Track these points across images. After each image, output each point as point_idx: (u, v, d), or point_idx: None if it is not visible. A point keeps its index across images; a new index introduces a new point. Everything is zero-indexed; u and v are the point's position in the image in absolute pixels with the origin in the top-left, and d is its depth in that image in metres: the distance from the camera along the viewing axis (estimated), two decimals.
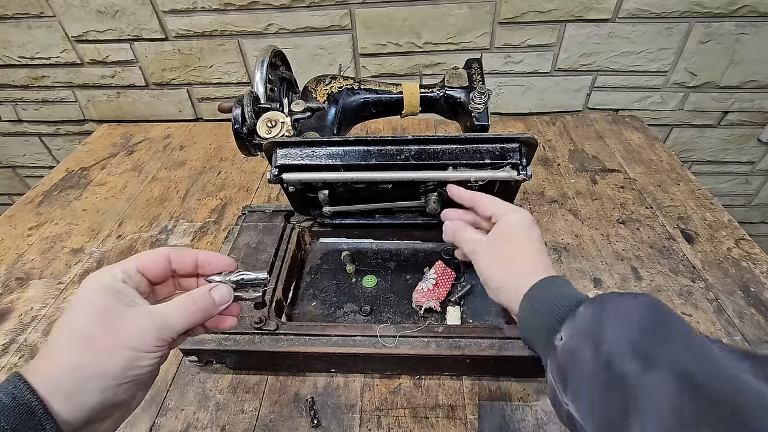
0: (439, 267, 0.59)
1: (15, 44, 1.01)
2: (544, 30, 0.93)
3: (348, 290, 0.60)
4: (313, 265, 0.63)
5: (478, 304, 0.57)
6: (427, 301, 0.55)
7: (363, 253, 0.65)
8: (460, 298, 0.57)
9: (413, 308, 0.56)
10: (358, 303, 0.58)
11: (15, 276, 0.68)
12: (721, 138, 1.07)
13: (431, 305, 0.55)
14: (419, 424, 0.47)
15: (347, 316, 0.57)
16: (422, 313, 0.55)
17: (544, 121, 1.02)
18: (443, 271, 0.59)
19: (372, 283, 0.60)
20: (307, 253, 0.66)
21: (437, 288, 0.57)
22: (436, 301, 0.55)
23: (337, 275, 0.62)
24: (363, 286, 0.60)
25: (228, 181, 0.87)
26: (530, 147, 0.49)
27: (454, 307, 0.56)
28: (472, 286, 0.58)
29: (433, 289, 0.56)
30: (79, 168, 0.94)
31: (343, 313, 0.57)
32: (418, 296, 0.56)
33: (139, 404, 0.30)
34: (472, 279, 0.59)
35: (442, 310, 0.56)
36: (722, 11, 0.88)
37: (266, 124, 0.54)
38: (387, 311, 0.57)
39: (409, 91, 0.61)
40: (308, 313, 0.57)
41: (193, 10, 0.94)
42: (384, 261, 0.64)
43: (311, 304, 0.58)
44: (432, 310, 0.55)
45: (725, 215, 0.73)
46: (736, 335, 0.55)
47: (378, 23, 0.93)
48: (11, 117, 1.16)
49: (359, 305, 0.57)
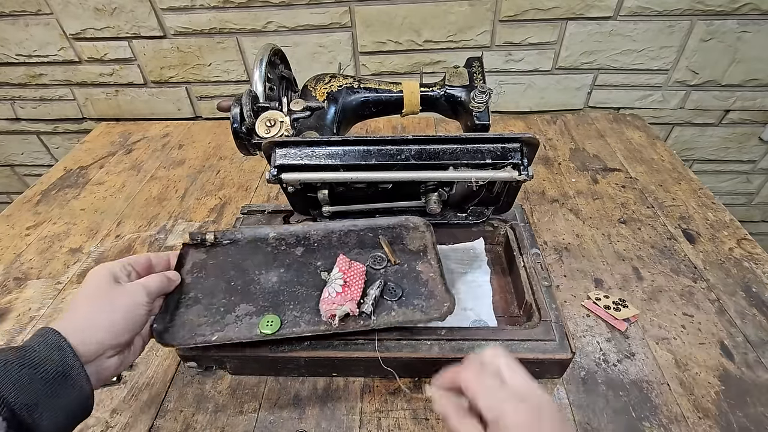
0: (342, 263, 0.50)
1: (12, 42, 1.01)
2: (545, 28, 0.93)
3: (243, 288, 0.50)
4: (196, 261, 0.52)
5: (405, 285, 0.49)
6: (340, 308, 0.45)
7: (261, 240, 0.55)
8: (382, 291, 0.48)
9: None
10: (255, 302, 0.48)
11: (13, 276, 0.68)
12: (722, 137, 1.07)
13: (346, 310, 0.45)
14: (419, 426, 0.47)
15: (240, 320, 0.46)
16: (337, 323, 0.45)
17: (544, 120, 1.01)
18: (349, 266, 0.49)
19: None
20: None
21: (347, 288, 0.47)
22: (351, 302, 0.46)
23: (228, 270, 0.52)
24: (261, 282, 0.50)
25: (227, 180, 0.86)
26: (531, 147, 0.49)
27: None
28: (387, 268, 0.51)
29: (342, 292, 0.46)
30: (78, 167, 0.93)
31: (236, 318, 0.47)
32: (326, 306, 0.45)
33: (137, 355, 0.42)
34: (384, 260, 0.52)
35: (365, 310, 0.46)
36: (724, 9, 0.87)
37: (265, 123, 0.53)
38: (294, 308, 0.47)
39: (409, 89, 0.61)
40: (187, 323, 0.46)
41: (192, 8, 0.93)
42: (289, 247, 0.54)
43: (189, 311, 0.47)
44: (349, 316, 0.46)
45: (727, 215, 0.72)
46: (738, 336, 0.54)
47: (378, 21, 0.93)
48: (9, 115, 1.16)
49: (256, 305, 0.48)
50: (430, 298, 0.48)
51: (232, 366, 0.51)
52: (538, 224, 0.72)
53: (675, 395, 0.49)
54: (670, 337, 0.55)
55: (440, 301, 0.47)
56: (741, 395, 0.49)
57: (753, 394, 0.49)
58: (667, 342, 0.54)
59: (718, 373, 0.51)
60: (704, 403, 0.48)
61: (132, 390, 0.52)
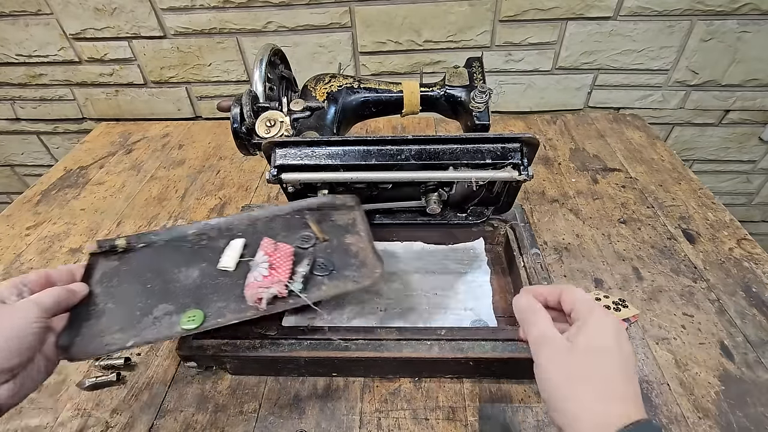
0: (267, 245, 0.48)
1: (12, 42, 1.01)
2: (545, 28, 0.93)
3: (161, 289, 0.46)
4: (107, 271, 0.47)
5: (335, 259, 0.48)
6: (266, 290, 0.43)
7: (180, 238, 0.51)
8: (311, 268, 0.47)
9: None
10: (174, 301, 0.45)
11: (12, 276, 0.67)
12: (722, 137, 1.07)
13: (274, 292, 0.44)
14: (419, 426, 0.47)
15: (159, 321, 0.43)
16: (265, 306, 0.43)
17: (544, 120, 1.01)
18: (275, 248, 0.48)
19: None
20: None
21: (275, 270, 0.45)
22: (278, 284, 0.44)
23: (144, 274, 0.47)
24: (180, 279, 0.47)
25: (227, 180, 0.86)
26: (531, 147, 0.49)
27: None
28: (316, 246, 0.50)
29: (269, 275, 0.44)
30: (78, 167, 0.93)
31: (154, 319, 0.43)
32: (251, 291, 0.44)
33: (43, 378, 0.38)
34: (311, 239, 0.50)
35: (293, 288, 0.45)
36: (724, 9, 0.87)
37: (265, 123, 0.53)
38: (218, 300, 0.45)
39: (409, 89, 0.61)
40: (98, 333, 0.42)
41: (192, 8, 0.93)
42: (211, 240, 0.50)
43: (100, 321, 0.43)
44: (278, 298, 0.44)
45: (727, 215, 0.72)
46: (738, 336, 0.54)
47: (378, 21, 0.93)
48: (9, 115, 1.16)
49: (176, 303, 0.45)
50: (362, 267, 0.47)
51: (232, 366, 0.51)
52: (538, 224, 0.72)
53: (675, 395, 0.49)
54: (670, 337, 0.55)
55: (371, 269, 0.47)
56: (741, 395, 0.49)
57: (753, 394, 0.49)
58: (667, 342, 0.54)
59: (718, 373, 0.51)
60: (704, 403, 0.48)
61: (132, 390, 0.52)
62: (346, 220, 0.53)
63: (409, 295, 0.58)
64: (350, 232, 0.52)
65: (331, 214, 0.54)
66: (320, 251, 0.50)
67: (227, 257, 0.48)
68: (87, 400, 0.51)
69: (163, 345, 0.56)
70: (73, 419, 0.49)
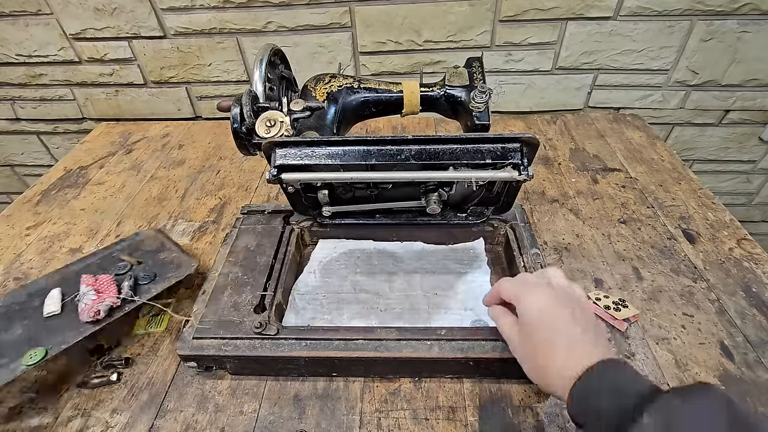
0: (87, 279, 0.54)
1: (12, 42, 1.01)
2: (544, 28, 0.93)
3: None
4: None
5: (154, 269, 0.57)
6: (102, 303, 0.50)
7: None
8: (135, 280, 0.55)
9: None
10: (7, 355, 0.48)
11: (13, 276, 0.68)
12: (722, 137, 1.07)
13: (109, 303, 0.51)
14: (419, 426, 0.47)
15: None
16: (103, 316, 0.50)
17: (544, 120, 1.01)
18: (95, 279, 0.54)
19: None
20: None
21: (102, 293, 0.52)
22: (112, 298, 0.51)
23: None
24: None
25: (227, 180, 0.86)
26: (531, 147, 0.49)
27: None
28: (133, 269, 0.57)
29: (97, 298, 0.51)
30: (78, 167, 0.93)
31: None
32: (86, 313, 0.50)
33: None
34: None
35: (125, 295, 0.52)
36: (724, 9, 0.87)
37: (265, 123, 0.53)
38: (57, 335, 0.49)
39: (409, 89, 0.61)
40: None
41: (192, 8, 0.93)
42: (22, 306, 0.54)
43: None
44: (114, 308, 0.51)
45: (727, 215, 0.72)
46: (738, 336, 0.54)
47: (378, 21, 0.93)
48: (9, 115, 1.16)
49: (10, 355, 0.48)
50: (179, 267, 0.58)
51: (232, 366, 0.51)
52: (538, 224, 0.72)
53: None
54: (670, 337, 0.55)
55: (187, 265, 0.58)
56: (741, 395, 0.49)
57: (753, 394, 0.49)
58: (667, 342, 0.54)
59: (718, 373, 0.51)
60: None
61: (132, 390, 0.52)
62: (155, 245, 0.63)
63: (409, 295, 0.58)
64: (162, 251, 0.61)
65: (140, 246, 0.62)
66: (139, 270, 0.58)
67: (50, 305, 0.52)
68: (87, 400, 0.51)
69: (163, 345, 0.56)
70: (73, 419, 0.49)
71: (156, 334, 0.57)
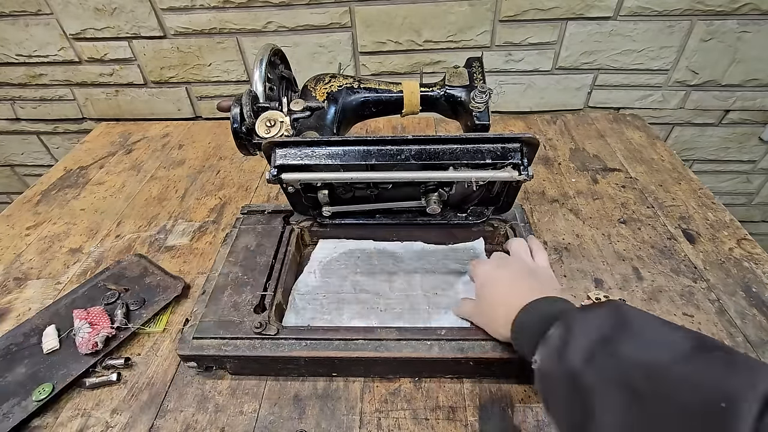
0: (79, 313, 0.56)
1: (12, 42, 1.01)
2: (545, 28, 0.93)
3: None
4: None
5: (143, 295, 0.60)
6: (98, 335, 0.53)
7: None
8: (127, 308, 0.58)
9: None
10: (16, 395, 0.50)
11: (13, 276, 0.68)
12: (722, 137, 1.07)
13: (105, 334, 0.53)
14: (419, 426, 0.47)
15: (11, 414, 0.48)
16: (101, 347, 0.53)
17: (544, 120, 1.01)
18: (86, 312, 0.56)
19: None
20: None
21: (96, 326, 0.54)
22: (107, 329, 0.54)
23: None
24: None
25: (227, 180, 0.86)
26: (531, 147, 0.49)
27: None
28: (121, 296, 0.59)
29: (93, 331, 0.53)
30: (78, 167, 0.93)
31: (3, 416, 0.48)
32: (84, 346, 0.52)
33: None
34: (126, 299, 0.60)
35: (119, 324, 0.55)
36: (724, 9, 0.87)
37: (265, 123, 0.53)
38: (59, 369, 0.52)
39: (409, 89, 0.61)
40: None
41: (192, 8, 0.93)
42: (20, 345, 0.56)
43: None
44: (111, 338, 0.54)
45: (727, 215, 0.72)
46: (738, 336, 0.54)
47: (378, 21, 0.93)
48: (9, 115, 1.16)
49: (19, 395, 0.50)
50: (167, 290, 0.61)
51: (232, 366, 0.51)
52: (538, 224, 0.72)
53: None
54: None
55: (174, 286, 0.61)
56: None
57: None
58: None
59: None
60: None
61: (132, 390, 0.52)
62: (138, 270, 0.64)
63: (409, 295, 0.58)
64: (146, 275, 0.63)
65: (124, 274, 0.64)
66: (127, 297, 0.60)
67: (48, 342, 0.54)
68: (87, 400, 0.51)
69: (163, 345, 0.56)
70: (73, 419, 0.49)
71: (156, 334, 0.57)
